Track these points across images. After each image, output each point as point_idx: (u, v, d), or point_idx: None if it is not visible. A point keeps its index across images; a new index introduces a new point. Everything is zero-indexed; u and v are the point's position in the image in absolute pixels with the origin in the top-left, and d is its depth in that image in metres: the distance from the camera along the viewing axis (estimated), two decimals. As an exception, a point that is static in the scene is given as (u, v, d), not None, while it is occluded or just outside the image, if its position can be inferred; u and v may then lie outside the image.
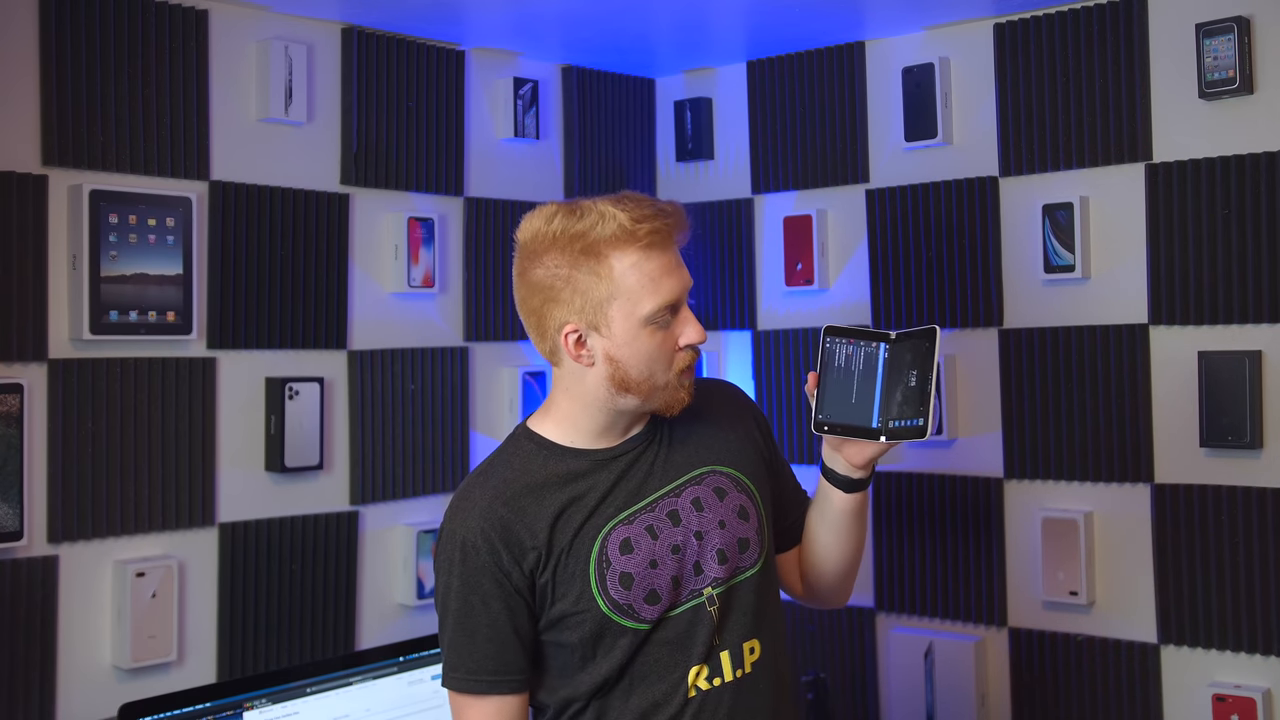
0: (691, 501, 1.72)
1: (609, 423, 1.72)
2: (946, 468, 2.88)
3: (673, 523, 1.70)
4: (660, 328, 1.65)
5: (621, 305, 1.63)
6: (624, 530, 1.68)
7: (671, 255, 1.66)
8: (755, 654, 1.73)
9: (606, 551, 1.66)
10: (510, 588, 1.66)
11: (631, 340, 1.64)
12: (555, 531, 1.67)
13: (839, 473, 1.76)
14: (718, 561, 1.70)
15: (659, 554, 1.68)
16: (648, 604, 1.66)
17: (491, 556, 1.65)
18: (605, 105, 3.30)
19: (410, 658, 2.44)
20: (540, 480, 1.70)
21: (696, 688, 1.68)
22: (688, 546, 1.69)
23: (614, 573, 1.65)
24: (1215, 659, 2.52)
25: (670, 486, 1.73)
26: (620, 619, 1.65)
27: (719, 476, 1.76)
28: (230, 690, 2.21)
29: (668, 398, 1.69)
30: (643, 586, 1.66)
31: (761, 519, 1.78)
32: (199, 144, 2.52)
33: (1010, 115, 2.78)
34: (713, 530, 1.71)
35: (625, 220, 1.61)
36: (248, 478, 2.59)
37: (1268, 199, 2.45)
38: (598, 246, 1.62)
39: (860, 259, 3.02)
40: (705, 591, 1.69)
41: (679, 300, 1.67)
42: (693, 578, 1.69)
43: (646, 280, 1.62)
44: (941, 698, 2.82)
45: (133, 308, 2.39)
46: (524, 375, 3.05)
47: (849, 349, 1.68)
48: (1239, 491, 2.48)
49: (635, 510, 1.70)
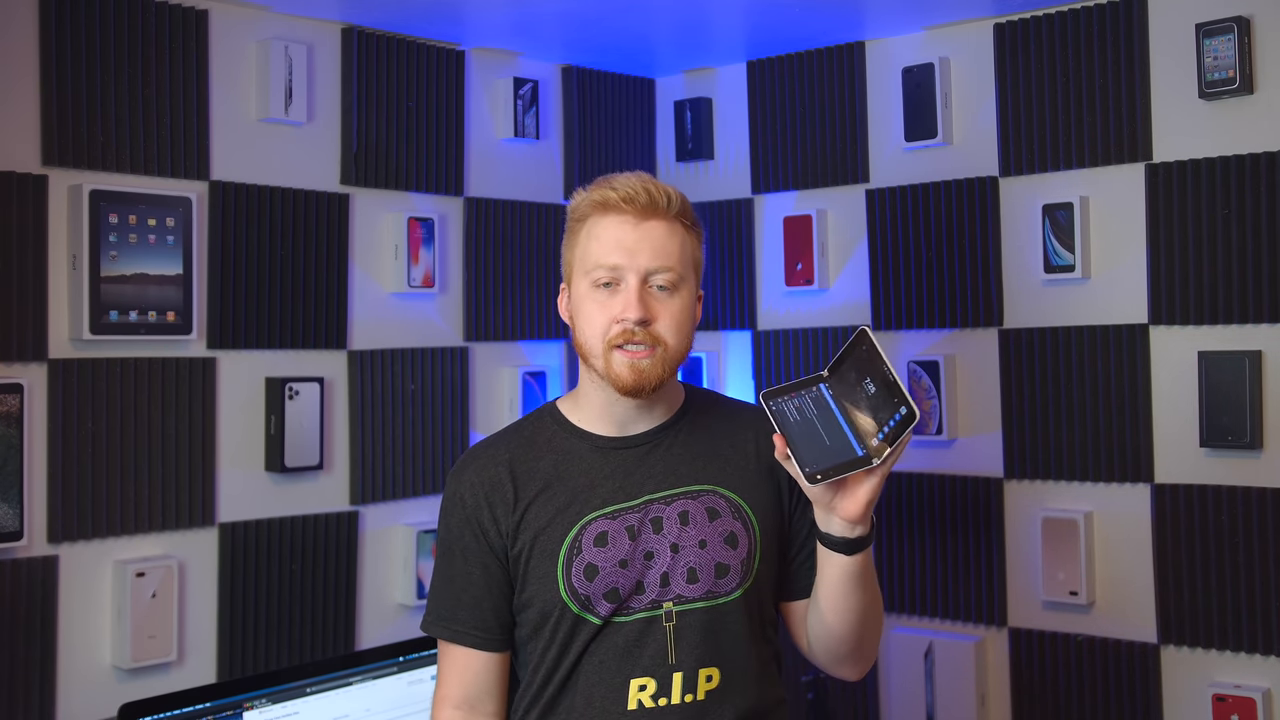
0: (679, 514, 1.70)
1: (607, 404, 1.73)
2: (946, 468, 2.88)
3: (654, 529, 1.69)
4: (605, 293, 1.69)
5: (578, 265, 1.73)
6: (604, 524, 1.68)
7: (627, 227, 1.69)
8: (713, 683, 1.68)
9: (581, 540, 1.68)
10: (487, 546, 1.72)
11: (579, 299, 1.72)
12: (537, 504, 1.70)
13: (835, 535, 1.63)
14: (686, 579, 1.68)
15: (631, 556, 1.67)
16: (606, 601, 1.66)
17: (475, 512, 1.73)
18: (605, 105, 3.30)
19: (410, 658, 2.44)
20: (542, 452, 1.75)
21: (639, 702, 1.65)
22: (660, 556, 1.68)
23: (581, 561, 1.66)
24: (1215, 659, 2.52)
25: (663, 494, 1.71)
26: (576, 609, 1.66)
27: (717, 498, 1.73)
28: (230, 690, 2.21)
29: (604, 369, 1.69)
30: (605, 583, 1.66)
31: (753, 551, 1.72)
32: (199, 144, 2.52)
33: (1010, 115, 2.78)
34: (690, 547, 1.69)
35: (593, 190, 1.74)
36: (248, 478, 2.59)
37: (1268, 199, 2.45)
38: (576, 214, 1.76)
39: (860, 259, 3.02)
40: (665, 605, 1.67)
41: (618, 265, 1.67)
42: (656, 588, 1.67)
43: (593, 242, 1.71)
44: (941, 698, 2.82)
45: (133, 308, 2.39)
46: (524, 375, 3.05)
47: (795, 402, 1.64)
48: (1239, 491, 2.48)
49: (621, 507, 1.70)
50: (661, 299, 1.68)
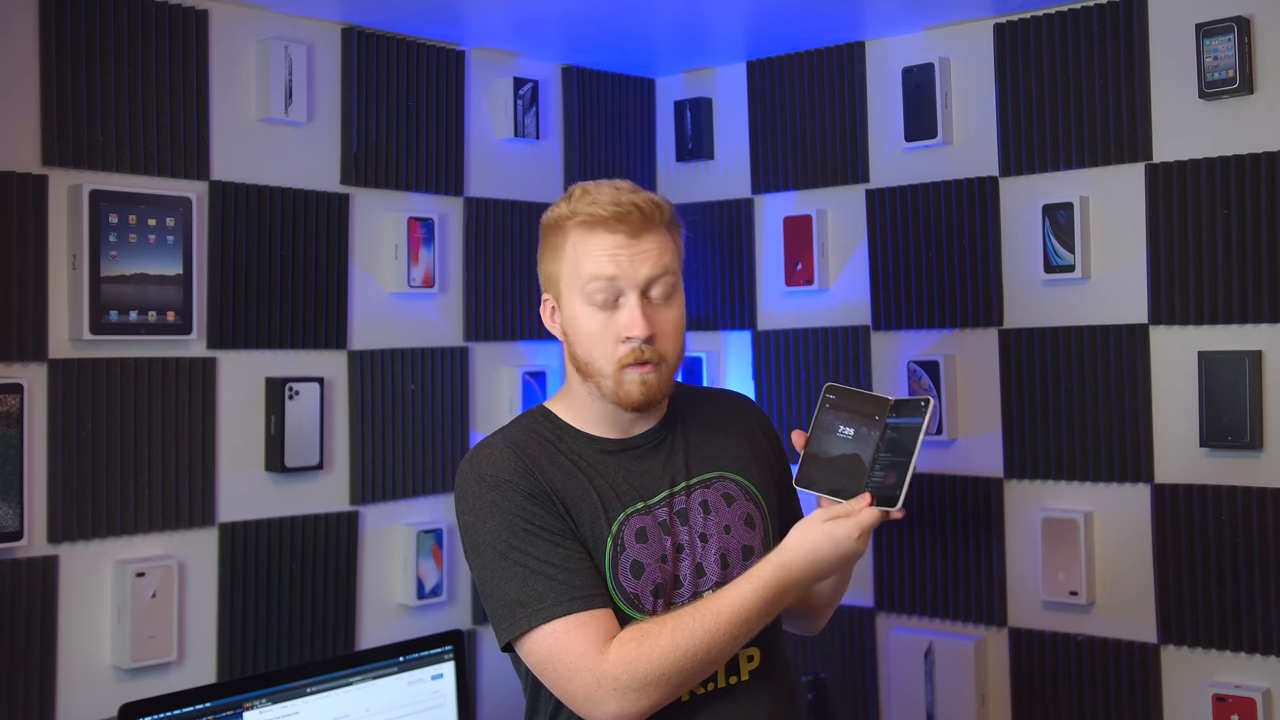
0: (700, 504, 1.73)
1: (607, 411, 1.73)
2: (946, 468, 2.88)
3: (681, 521, 1.71)
4: (599, 309, 1.67)
5: (568, 281, 1.70)
6: (640, 520, 1.68)
7: (621, 242, 1.66)
8: (754, 662, 1.72)
9: (623, 537, 1.66)
10: (559, 508, 1.64)
11: (575, 318, 1.70)
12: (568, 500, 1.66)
13: None
14: (720, 566, 1.70)
15: (668, 550, 1.68)
16: (653, 596, 1.66)
17: (531, 482, 1.64)
18: (605, 105, 3.30)
19: (410, 658, 2.44)
20: (553, 451, 1.70)
21: (690, 691, 1.66)
22: (692, 547, 1.69)
23: (626, 559, 1.65)
24: (1215, 659, 2.52)
25: (680, 486, 1.73)
26: (627, 609, 1.64)
27: (728, 483, 1.76)
28: (230, 690, 2.21)
29: (613, 389, 1.67)
30: (651, 579, 1.66)
31: (768, 529, 1.77)
32: (199, 144, 2.52)
33: (1010, 115, 2.78)
34: (717, 534, 1.71)
35: (577, 203, 1.69)
36: (248, 478, 2.59)
37: (1268, 199, 2.45)
38: (559, 226, 1.71)
39: (860, 259, 3.02)
40: (704, 594, 1.68)
41: (615, 277, 1.65)
42: (694, 579, 1.69)
43: (582, 255, 1.67)
44: (941, 698, 2.82)
45: (133, 308, 2.39)
46: (524, 375, 3.05)
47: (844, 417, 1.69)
48: (1239, 491, 2.48)
49: (649, 504, 1.70)
50: (660, 309, 1.69)
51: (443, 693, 2.48)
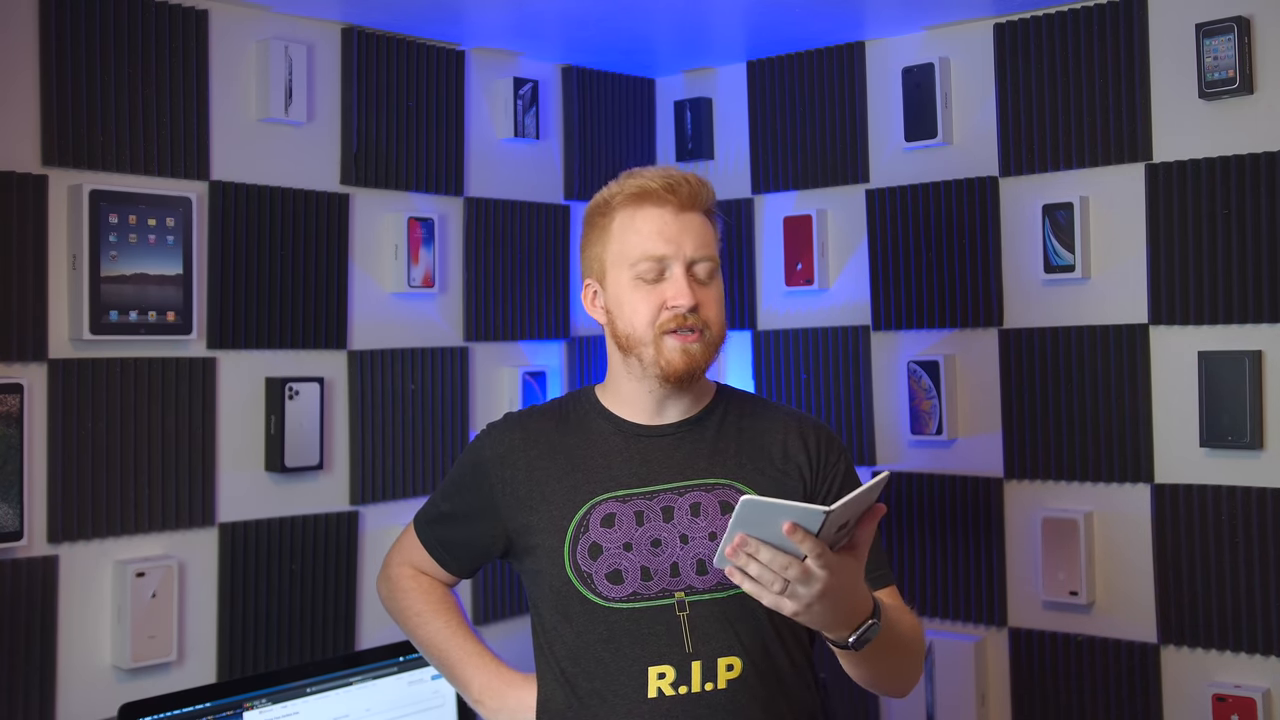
0: (691, 505, 1.72)
1: (639, 391, 1.75)
2: (946, 468, 2.88)
3: (664, 518, 1.70)
4: (647, 283, 1.71)
5: (614, 259, 1.74)
6: (614, 506, 1.71)
7: (669, 217, 1.71)
8: (734, 672, 1.68)
9: (589, 519, 1.70)
10: (491, 504, 1.80)
11: (621, 293, 1.73)
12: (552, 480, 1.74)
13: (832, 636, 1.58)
14: (696, 571, 1.68)
15: (637, 540, 1.69)
16: (609, 582, 1.68)
17: (487, 467, 1.80)
18: (605, 105, 3.30)
19: (410, 658, 2.44)
20: (570, 431, 1.78)
21: (659, 690, 1.66)
22: (669, 545, 1.69)
23: (587, 539, 1.69)
24: (1215, 659, 2.52)
25: (679, 484, 1.73)
26: (580, 587, 1.68)
27: (732, 492, 1.73)
28: (230, 690, 2.21)
29: (654, 357, 1.70)
30: (608, 564, 1.68)
31: None
32: (199, 144, 2.52)
33: (1010, 115, 2.78)
34: (700, 539, 1.70)
35: (624, 182, 1.75)
36: (248, 478, 2.59)
37: (1268, 199, 2.45)
38: (605, 208, 1.77)
39: (860, 259, 3.02)
40: (677, 595, 1.68)
41: (664, 255, 1.70)
42: (666, 577, 1.68)
43: (631, 233, 1.72)
44: (941, 698, 2.82)
45: (133, 308, 2.39)
46: (524, 375, 3.05)
47: None
48: (1239, 491, 2.48)
49: (634, 492, 1.72)
50: (704, 286, 1.72)
51: (443, 693, 2.48)
